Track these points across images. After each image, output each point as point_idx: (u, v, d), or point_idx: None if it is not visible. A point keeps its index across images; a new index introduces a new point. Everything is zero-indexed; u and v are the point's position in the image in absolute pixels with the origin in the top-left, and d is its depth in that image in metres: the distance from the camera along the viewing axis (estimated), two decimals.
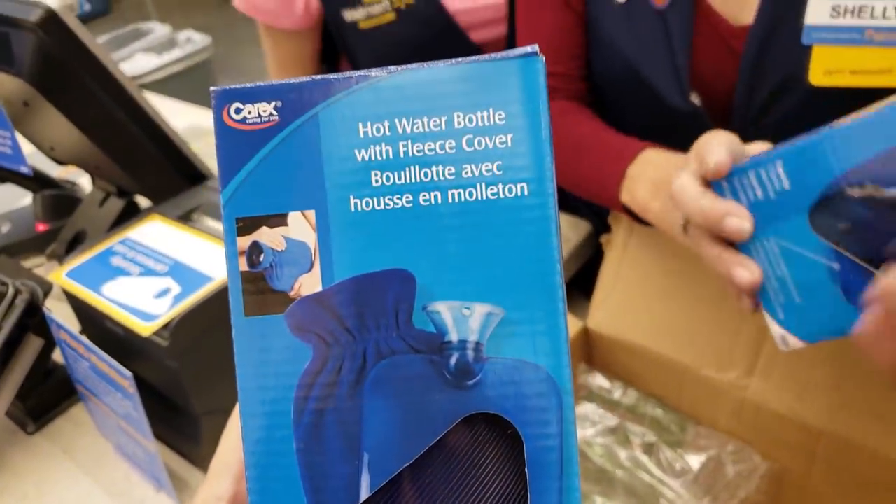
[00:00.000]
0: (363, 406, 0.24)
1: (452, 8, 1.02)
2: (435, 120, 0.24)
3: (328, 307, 0.24)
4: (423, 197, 0.24)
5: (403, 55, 1.03)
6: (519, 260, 0.23)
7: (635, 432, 0.68)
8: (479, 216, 0.23)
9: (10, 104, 0.81)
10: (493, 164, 0.23)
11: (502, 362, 0.23)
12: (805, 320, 0.49)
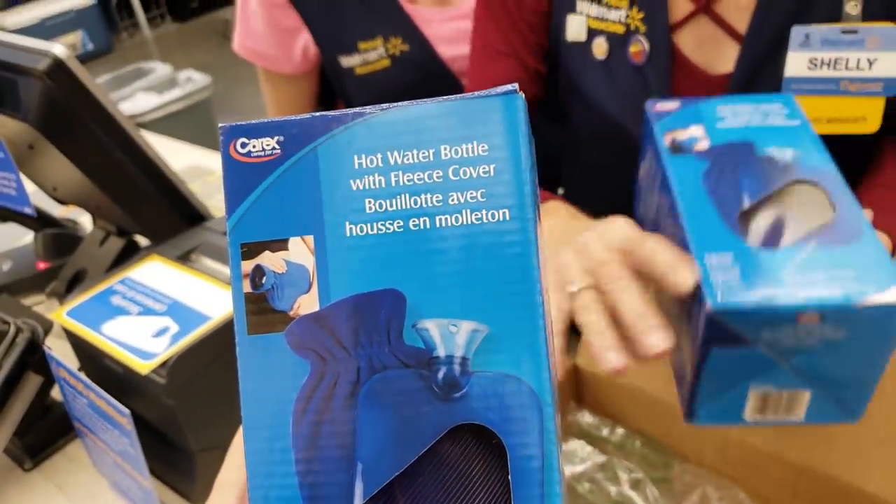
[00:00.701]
0: (357, 418, 0.25)
1: (445, 55, 1.05)
2: (423, 152, 0.26)
3: (325, 325, 0.25)
4: (412, 223, 0.25)
5: (397, 99, 1.06)
6: (502, 280, 0.25)
7: (623, 469, 0.69)
8: (465, 240, 0.25)
9: (16, 147, 0.83)
10: (478, 192, 0.25)
11: (487, 376, 0.25)
12: None
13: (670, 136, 0.55)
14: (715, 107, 0.57)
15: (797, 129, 0.54)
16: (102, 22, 5.48)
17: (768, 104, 0.56)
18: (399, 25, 1.05)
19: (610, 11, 0.75)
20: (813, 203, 0.48)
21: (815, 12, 0.68)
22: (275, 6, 1.06)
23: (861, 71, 0.67)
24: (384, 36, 1.05)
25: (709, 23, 0.73)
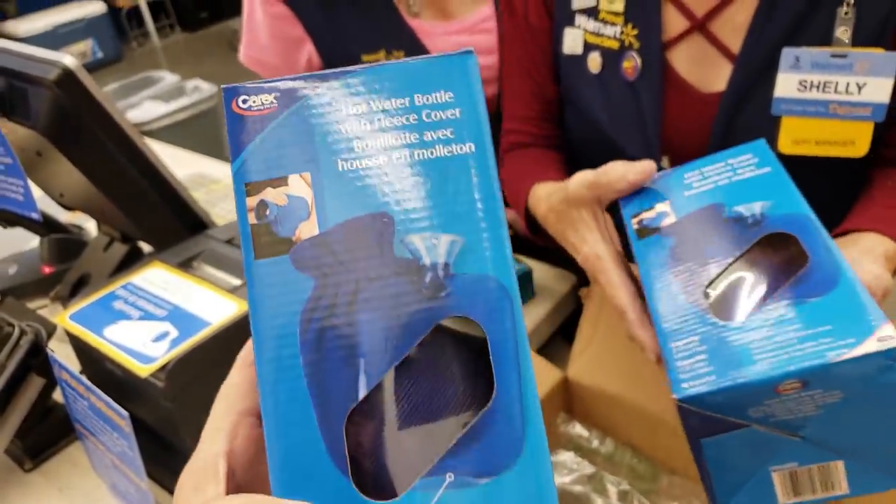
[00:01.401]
0: (357, 321, 0.29)
1: None
2: (401, 100, 0.31)
3: (325, 246, 0.29)
4: (395, 156, 0.30)
5: None
6: (470, 199, 0.30)
7: (611, 480, 0.70)
8: (439, 169, 0.30)
9: (25, 153, 0.85)
10: (447, 130, 0.31)
11: (466, 277, 0.29)
12: None
13: (637, 220, 0.55)
14: (682, 175, 0.56)
15: (767, 177, 0.52)
16: (112, 31, 5.54)
17: (737, 157, 0.55)
18: (401, 38, 1.06)
19: (606, 27, 0.77)
20: (784, 255, 0.47)
21: (806, 35, 0.69)
22: (280, 18, 1.08)
23: (850, 95, 0.68)
24: (387, 48, 1.06)
25: (703, 41, 0.74)
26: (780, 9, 0.69)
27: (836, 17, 0.67)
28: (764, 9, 0.70)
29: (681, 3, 0.74)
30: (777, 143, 0.71)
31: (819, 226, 0.47)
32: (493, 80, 1.10)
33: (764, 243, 0.48)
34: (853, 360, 0.38)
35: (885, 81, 0.67)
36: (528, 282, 0.98)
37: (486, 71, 1.09)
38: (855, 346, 0.38)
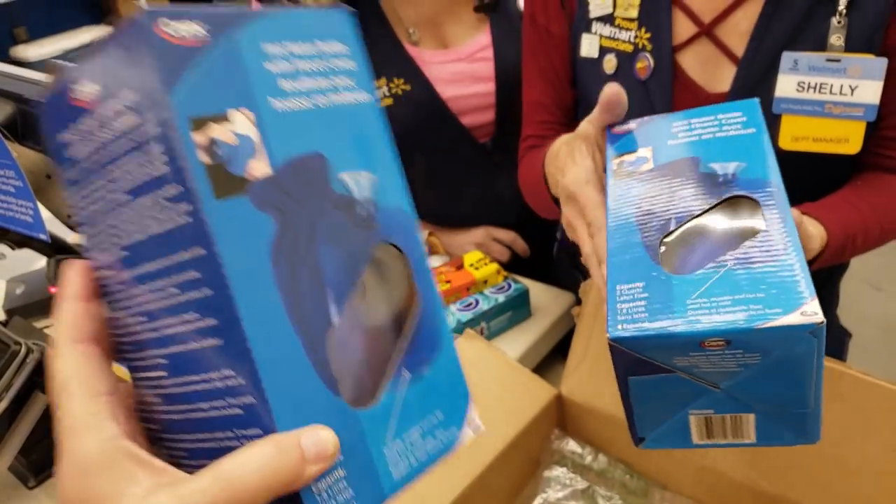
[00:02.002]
0: (319, 253, 0.31)
1: (445, 94, 1.10)
2: (312, 45, 0.33)
3: (279, 185, 0.30)
4: (317, 99, 0.33)
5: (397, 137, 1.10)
6: (379, 143, 0.35)
7: (604, 496, 0.72)
8: (351, 114, 0.34)
9: (35, 176, 0.88)
10: (351, 79, 0.35)
11: (385, 209, 0.34)
12: None
13: (618, 161, 0.56)
14: (671, 123, 0.57)
15: (749, 138, 0.53)
16: None
17: (726, 113, 0.56)
18: (402, 66, 1.09)
19: (621, 32, 0.83)
20: (743, 220, 0.48)
21: (804, 41, 0.74)
22: None
23: (844, 96, 0.73)
24: (388, 76, 1.09)
25: (709, 45, 0.79)
26: (779, 17, 0.75)
27: (830, 25, 0.73)
28: (765, 17, 0.75)
29: (689, 10, 0.79)
30: (778, 139, 0.76)
31: (783, 196, 0.48)
32: (490, 107, 1.12)
33: (727, 204, 0.49)
34: (774, 328, 0.40)
35: (874, 84, 0.72)
36: (524, 301, 1.00)
37: (484, 98, 1.12)
38: (780, 316, 0.40)
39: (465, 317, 0.94)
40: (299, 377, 0.30)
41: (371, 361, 0.34)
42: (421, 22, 1.11)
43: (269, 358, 0.29)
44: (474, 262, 1.02)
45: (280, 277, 0.30)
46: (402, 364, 0.34)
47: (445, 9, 1.12)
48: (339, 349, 0.32)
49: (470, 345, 0.79)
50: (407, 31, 1.11)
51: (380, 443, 0.32)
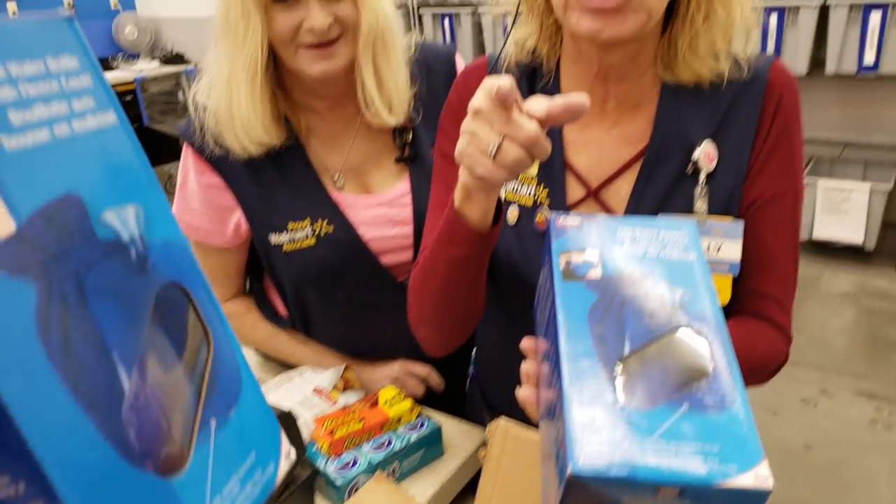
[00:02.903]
0: (93, 313, 0.27)
1: (366, 236, 1.17)
2: (38, 63, 0.28)
3: (30, 243, 0.26)
4: (56, 129, 0.28)
5: (319, 275, 1.16)
6: (133, 167, 0.31)
7: None
8: (98, 142, 0.30)
9: None
10: (89, 97, 0.30)
11: (156, 243, 0.31)
12: None
13: (565, 258, 0.57)
14: (616, 228, 0.59)
15: (692, 265, 0.56)
16: None
17: (669, 231, 0.58)
18: (326, 210, 1.16)
19: (522, 186, 0.91)
20: (693, 356, 0.49)
21: (674, 205, 0.85)
22: (212, 187, 1.16)
23: (711, 254, 0.83)
24: (312, 218, 1.15)
25: (597, 206, 0.89)
26: (652, 185, 0.86)
27: (695, 193, 0.84)
28: (640, 184, 0.86)
29: (580, 175, 0.89)
30: None
31: (725, 332, 0.50)
32: (408, 248, 1.20)
33: (677, 335, 0.50)
34: (731, 490, 0.42)
35: (735, 243, 0.83)
36: (437, 439, 1.04)
37: (403, 239, 1.19)
38: (735, 475, 0.42)
39: (378, 457, 0.96)
40: (97, 462, 0.26)
41: (175, 419, 0.30)
42: (346, 169, 1.20)
43: (57, 451, 0.24)
44: (389, 399, 1.05)
45: (52, 351, 0.25)
46: (208, 412, 0.31)
47: (369, 159, 1.20)
48: (137, 416, 0.28)
49: (379, 489, 0.81)
50: (332, 178, 1.19)
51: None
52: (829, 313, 3.05)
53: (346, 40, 1.08)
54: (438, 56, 1.23)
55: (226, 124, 1.10)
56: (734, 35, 0.84)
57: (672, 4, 0.81)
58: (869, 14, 3.02)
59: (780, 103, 0.84)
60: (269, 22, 1.05)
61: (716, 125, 0.85)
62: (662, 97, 0.86)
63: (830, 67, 3.20)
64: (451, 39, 4.13)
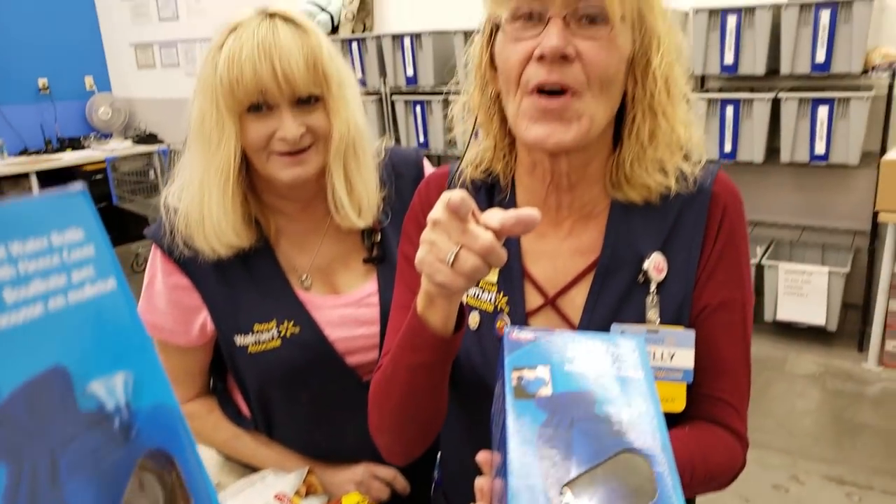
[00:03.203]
0: (68, 492, 0.26)
1: (332, 336, 1.17)
2: (41, 240, 0.29)
3: (8, 424, 0.25)
4: (51, 303, 0.29)
5: (284, 376, 1.16)
6: (127, 333, 0.31)
7: None
8: (94, 309, 0.30)
9: None
10: (90, 267, 0.31)
11: (144, 409, 0.30)
12: None
13: (517, 375, 0.59)
14: (567, 344, 0.61)
15: (639, 384, 0.58)
16: None
17: (618, 348, 0.60)
18: (293, 310, 1.17)
19: (483, 293, 0.93)
20: (638, 479, 0.51)
21: (627, 314, 0.87)
22: (179, 288, 1.17)
23: (665, 362, 0.85)
24: (278, 319, 1.16)
25: (554, 314, 0.91)
26: (605, 294, 0.88)
27: (647, 302, 0.87)
28: (594, 294, 0.89)
29: (538, 284, 0.92)
30: None
31: (672, 457, 0.52)
32: (374, 347, 1.20)
33: (623, 458, 0.52)
34: None
35: (687, 351, 0.85)
36: None
37: (369, 339, 1.20)
38: None
39: None
40: None
41: None
42: (314, 270, 1.21)
43: None
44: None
45: None
46: None
47: (338, 259, 1.22)
48: None
49: None
50: (300, 278, 1.20)
51: None
52: (795, 396, 3.08)
53: (318, 148, 1.11)
54: (407, 161, 1.27)
55: (196, 227, 1.12)
56: (679, 150, 0.89)
57: (620, 124, 0.86)
58: (817, 108, 3.18)
59: (724, 214, 0.88)
60: (243, 130, 1.08)
61: (664, 237, 0.88)
62: (612, 210, 0.90)
63: (785, 156, 3.33)
64: (422, 125, 4.24)
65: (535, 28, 0.80)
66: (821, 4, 3.08)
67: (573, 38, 0.79)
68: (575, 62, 0.79)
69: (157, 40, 5.99)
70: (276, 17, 1.07)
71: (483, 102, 0.92)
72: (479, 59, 0.90)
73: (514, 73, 0.82)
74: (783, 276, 3.41)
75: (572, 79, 0.79)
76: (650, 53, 0.83)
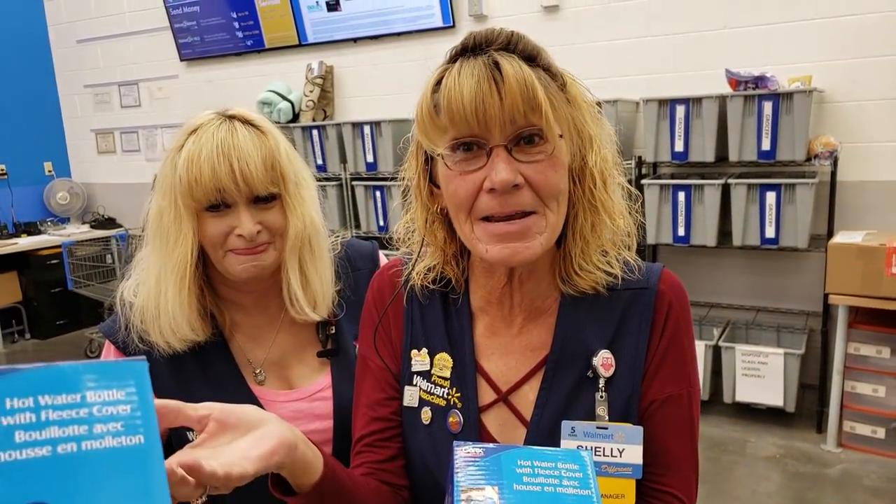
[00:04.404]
0: None
1: None
2: (72, 395, 0.34)
3: None
4: (60, 448, 0.33)
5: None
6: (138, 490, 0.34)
7: None
8: (108, 460, 0.34)
9: None
10: (118, 423, 0.35)
11: None
12: None
13: (466, 496, 0.60)
14: (516, 460, 0.62)
15: (580, 501, 0.59)
16: None
17: (565, 463, 0.62)
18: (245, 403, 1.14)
19: (436, 387, 0.94)
20: None
21: (577, 411, 0.88)
22: None
23: (614, 458, 0.86)
24: None
25: (506, 410, 0.92)
26: (555, 391, 0.89)
27: (595, 399, 0.88)
28: (544, 391, 0.90)
29: (490, 379, 0.93)
30: None
31: None
32: (327, 442, 1.18)
33: None
34: None
35: (636, 447, 0.85)
36: None
37: (322, 434, 1.18)
38: None
39: None
40: None
41: None
42: (268, 364, 1.20)
43: None
44: None
45: None
46: None
47: (292, 353, 1.21)
48: None
49: None
50: (254, 372, 1.19)
51: None
52: (757, 478, 3.08)
53: (274, 245, 1.12)
54: (362, 254, 1.28)
55: (152, 322, 1.11)
56: (619, 239, 0.91)
57: (563, 221, 0.89)
58: (765, 193, 3.30)
59: (670, 310, 0.90)
60: (201, 227, 1.09)
61: (611, 334, 0.90)
62: (562, 307, 0.92)
63: (737, 240, 3.43)
64: (382, 209, 4.29)
65: (478, 159, 0.81)
66: (763, 96, 3.24)
67: (518, 165, 0.80)
68: (524, 188, 0.81)
69: (118, 126, 6.03)
70: (234, 119, 1.10)
71: (428, 219, 0.93)
72: (416, 183, 0.91)
73: (465, 205, 0.83)
74: (740, 358, 3.45)
75: (525, 203, 0.81)
76: (586, 154, 0.86)
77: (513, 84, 0.78)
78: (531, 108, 0.79)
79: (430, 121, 0.83)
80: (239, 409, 0.75)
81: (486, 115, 0.78)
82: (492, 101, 0.78)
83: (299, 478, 0.80)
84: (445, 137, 0.83)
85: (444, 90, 0.81)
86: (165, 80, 5.64)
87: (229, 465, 0.66)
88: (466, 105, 0.78)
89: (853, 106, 3.40)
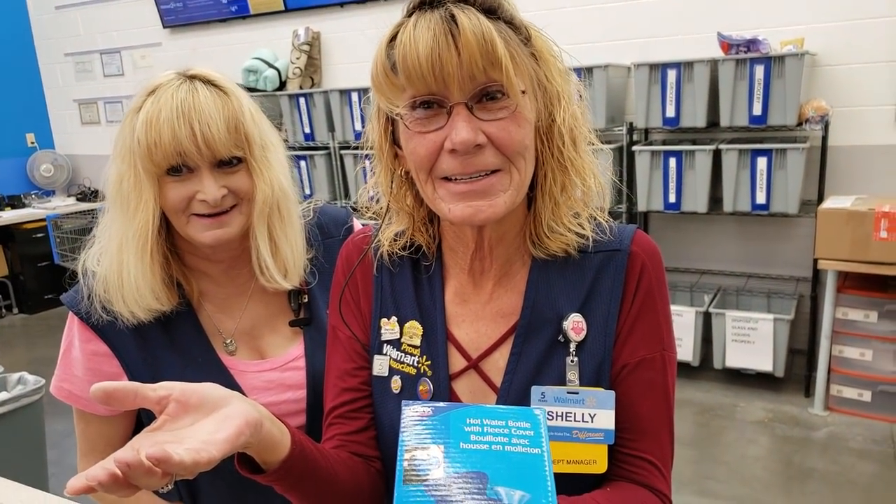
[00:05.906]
0: None
1: (260, 401, 1.12)
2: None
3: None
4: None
5: None
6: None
7: None
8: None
9: None
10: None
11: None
12: None
13: (410, 455, 0.58)
14: (465, 419, 0.61)
15: (534, 461, 0.58)
16: None
17: (516, 422, 0.61)
18: (217, 377, 1.12)
19: (406, 356, 0.92)
20: None
21: (548, 377, 0.86)
22: (98, 354, 1.11)
23: (585, 423, 0.84)
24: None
25: (476, 377, 0.90)
26: (525, 357, 0.87)
27: (566, 363, 0.86)
28: (514, 356, 0.87)
29: (461, 347, 0.90)
30: None
31: None
32: (300, 412, 1.16)
33: None
34: None
35: (608, 412, 0.84)
36: None
37: (296, 404, 1.15)
38: None
39: None
40: None
41: None
42: (239, 333, 1.17)
43: None
44: None
45: None
46: None
47: (263, 322, 1.18)
48: None
49: None
50: (224, 342, 1.16)
51: None
52: (746, 442, 3.09)
53: (241, 209, 1.08)
54: (336, 221, 1.25)
55: (115, 291, 1.08)
56: (590, 200, 0.88)
57: (533, 183, 0.86)
58: (756, 158, 3.27)
59: (642, 272, 0.87)
60: (162, 192, 1.05)
61: (582, 298, 0.87)
62: (532, 272, 0.89)
63: (727, 206, 3.40)
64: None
65: (438, 118, 0.78)
66: (755, 60, 3.19)
67: (480, 123, 0.77)
68: (487, 146, 0.78)
69: (102, 97, 5.93)
70: (196, 79, 1.05)
71: (393, 184, 0.90)
72: (378, 146, 0.88)
73: (426, 165, 0.80)
74: (730, 324, 3.44)
75: (489, 163, 0.78)
76: (553, 111, 0.82)
77: (470, 38, 0.74)
78: (490, 62, 0.75)
79: (385, 80, 0.79)
80: (200, 388, 0.71)
81: (444, 71, 0.74)
82: (449, 56, 0.74)
83: (266, 455, 0.78)
84: (404, 96, 0.79)
85: (398, 46, 0.77)
86: (148, 48, 5.54)
87: (196, 450, 0.63)
88: (422, 61, 0.74)
89: (844, 69, 3.35)
